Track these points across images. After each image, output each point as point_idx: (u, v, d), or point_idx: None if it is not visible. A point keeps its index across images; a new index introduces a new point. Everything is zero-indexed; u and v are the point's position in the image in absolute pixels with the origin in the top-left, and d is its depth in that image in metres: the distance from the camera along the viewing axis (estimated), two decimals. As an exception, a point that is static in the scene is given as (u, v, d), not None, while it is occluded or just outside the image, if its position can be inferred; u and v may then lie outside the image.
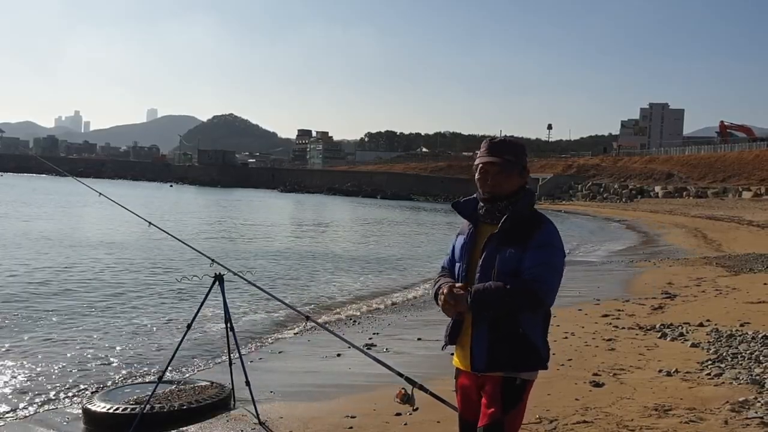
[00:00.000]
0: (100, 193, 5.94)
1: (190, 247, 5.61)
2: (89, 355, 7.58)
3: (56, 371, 6.89)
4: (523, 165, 2.86)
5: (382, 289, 13.67)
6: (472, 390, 2.86)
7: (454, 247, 3.00)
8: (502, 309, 2.68)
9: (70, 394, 6.17)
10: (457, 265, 2.91)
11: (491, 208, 2.82)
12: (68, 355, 7.57)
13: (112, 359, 7.48)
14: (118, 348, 8.00)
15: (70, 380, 6.61)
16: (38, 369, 6.91)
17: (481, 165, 2.83)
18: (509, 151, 2.82)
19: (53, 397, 6.06)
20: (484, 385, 2.79)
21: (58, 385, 6.45)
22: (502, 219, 2.76)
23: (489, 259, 2.75)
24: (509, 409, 2.73)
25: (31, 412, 5.65)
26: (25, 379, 6.60)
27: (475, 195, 2.94)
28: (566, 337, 7.80)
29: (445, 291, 2.75)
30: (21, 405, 5.83)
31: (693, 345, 7.18)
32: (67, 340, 8.23)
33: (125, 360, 7.49)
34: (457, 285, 2.77)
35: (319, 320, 5.21)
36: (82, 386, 6.42)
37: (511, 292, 2.65)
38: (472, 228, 2.89)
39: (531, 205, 2.85)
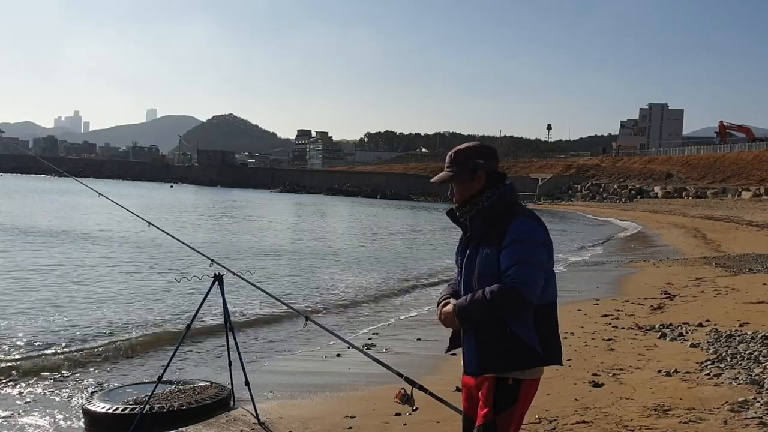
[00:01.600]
0: (100, 194, 5.94)
1: (190, 247, 5.62)
2: (88, 355, 7.58)
3: (55, 371, 6.88)
4: (472, 168, 2.84)
5: (382, 288, 13.66)
6: (474, 389, 2.91)
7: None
8: (488, 318, 2.69)
9: (69, 395, 6.16)
10: (456, 270, 3.03)
11: (463, 214, 2.90)
12: (67, 355, 7.56)
13: (111, 359, 7.48)
14: (117, 348, 7.99)
15: (70, 380, 6.61)
16: (38, 369, 6.90)
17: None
18: (453, 162, 2.89)
19: (53, 397, 6.05)
20: (481, 386, 2.83)
21: (57, 385, 6.44)
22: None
23: (469, 261, 2.83)
24: (501, 410, 2.71)
25: (31, 413, 5.64)
26: (24, 379, 6.59)
27: None
28: (565, 338, 7.80)
29: (443, 315, 2.87)
30: (20, 405, 5.82)
31: (692, 345, 7.19)
32: (66, 340, 8.21)
33: (125, 360, 7.49)
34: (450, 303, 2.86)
35: (319, 320, 5.23)
36: (81, 386, 6.41)
37: (493, 300, 2.65)
38: (463, 234, 2.97)
39: (502, 202, 2.81)
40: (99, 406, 5.29)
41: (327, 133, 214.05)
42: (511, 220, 2.74)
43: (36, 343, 7.98)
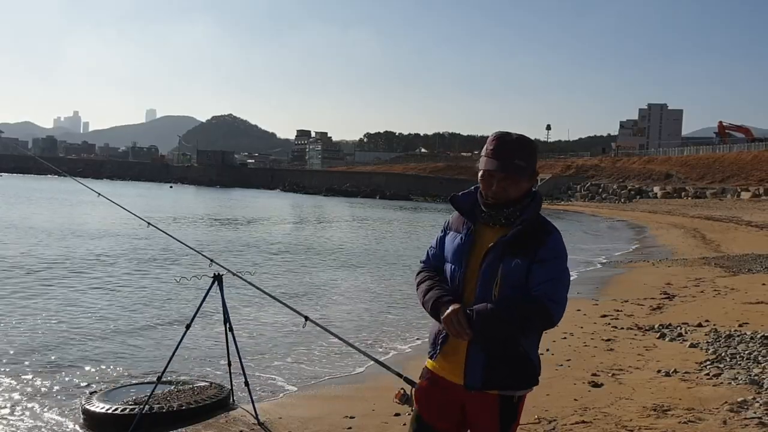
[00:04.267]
0: (99, 194, 5.93)
1: (189, 247, 5.62)
2: (88, 356, 7.57)
3: (55, 371, 6.87)
4: (533, 169, 2.57)
5: (382, 288, 13.66)
6: (450, 402, 2.63)
7: (443, 243, 2.73)
8: (509, 332, 2.49)
9: (69, 395, 6.15)
10: (450, 266, 2.64)
11: (496, 214, 2.56)
12: (67, 355, 7.56)
13: (110, 360, 7.47)
14: (117, 348, 7.98)
15: (69, 381, 6.60)
16: (37, 369, 6.89)
17: (485, 170, 2.54)
18: (521, 155, 2.51)
19: (52, 398, 6.05)
20: (468, 400, 2.58)
21: (56, 385, 6.43)
22: (508, 225, 2.54)
23: (491, 267, 2.49)
24: (507, 428, 2.57)
25: (30, 413, 5.64)
26: (24, 379, 6.58)
27: (472, 189, 2.69)
28: (565, 338, 7.81)
29: (452, 319, 2.47)
30: (19, 405, 5.82)
31: (692, 345, 7.19)
32: (65, 340, 8.21)
33: (124, 360, 7.48)
34: (455, 309, 2.48)
35: (319, 320, 5.24)
36: (81, 387, 6.41)
37: (524, 317, 2.45)
38: (470, 227, 2.62)
39: (538, 209, 2.59)
40: (98, 407, 5.29)
41: (326, 133, 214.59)
42: (548, 233, 2.53)
43: (35, 343, 7.96)
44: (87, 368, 7.07)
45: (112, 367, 7.20)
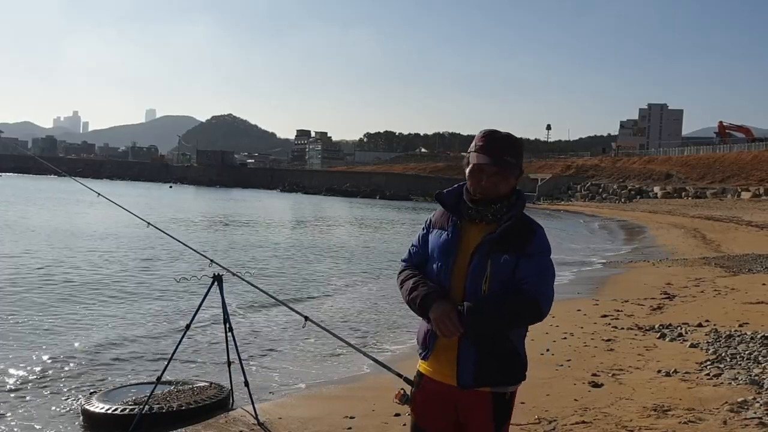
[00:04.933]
0: (99, 194, 5.93)
1: (189, 247, 5.61)
2: (88, 356, 7.56)
3: (54, 372, 6.87)
4: (521, 167, 2.60)
5: (382, 288, 13.65)
6: (444, 403, 2.62)
7: (426, 241, 2.72)
8: (500, 327, 2.51)
9: (68, 395, 6.15)
10: (436, 263, 2.63)
11: (483, 210, 2.58)
12: (66, 355, 7.55)
13: (110, 360, 7.46)
14: (116, 348, 7.97)
15: (69, 381, 6.60)
16: (36, 370, 6.89)
17: (476, 164, 2.55)
18: (511, 152, 2.55)
19: (51, 398, 6.05)
20: (461, 400, 2.58)
21: (56, 386, 6.43)
22: (496, 221, 2.56)
23: (480, 264, 2.50)
24: (501, 426, 2.57)
25: (30, 413, 5.63)
26: (23, 380, 6.58)
27: (457, 186, 2.70)
28: (565, 338, 7.81)
29: (444, 319, 2.46)
30: (19, 406, 5.81)
31: (692, 345, 7.19)
32: (65, 341, 8.20)
33: (124, 361, 7.47)
34: (446, 308, 2.48)
35: (318, 320, 5.22)
36: (80, 387, 6.40)
37: (513, 312, 2.47)
38: (456, 222, 2.62)
39: (524, 206, 2.64)
40: (98, 407, 5.28)
41: (326, 133, 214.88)
42: (533, 230, 2.56)
43: (34, 343, 7.96)
44: (86, 368, 7.06)
45: (111, 367, 7.20)
